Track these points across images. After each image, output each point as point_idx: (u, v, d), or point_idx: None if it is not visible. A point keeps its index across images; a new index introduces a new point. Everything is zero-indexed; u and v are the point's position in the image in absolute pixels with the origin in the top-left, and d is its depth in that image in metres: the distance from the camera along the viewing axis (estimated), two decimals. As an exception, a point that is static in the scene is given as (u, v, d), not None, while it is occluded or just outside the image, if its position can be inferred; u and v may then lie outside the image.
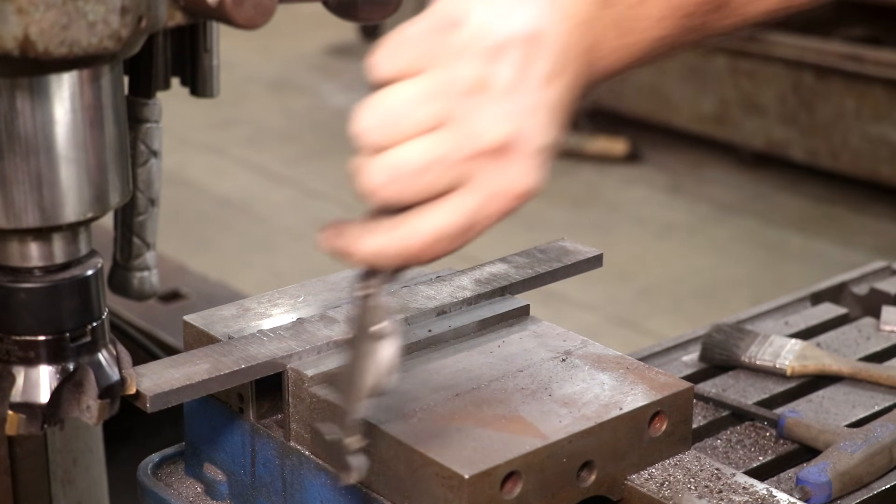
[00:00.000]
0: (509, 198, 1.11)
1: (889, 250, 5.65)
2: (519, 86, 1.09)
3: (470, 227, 1.11)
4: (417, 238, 1.10)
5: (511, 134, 1.09)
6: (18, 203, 1.18)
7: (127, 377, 1.29)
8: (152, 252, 1.77)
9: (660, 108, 7.10)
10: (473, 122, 1.09)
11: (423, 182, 1.09)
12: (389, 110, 1.08)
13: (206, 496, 1.48)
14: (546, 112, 1.11)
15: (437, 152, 1.08)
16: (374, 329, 1.17)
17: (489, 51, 1.09)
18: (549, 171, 1.13)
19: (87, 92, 1.18)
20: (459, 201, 1.10)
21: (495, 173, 1.09)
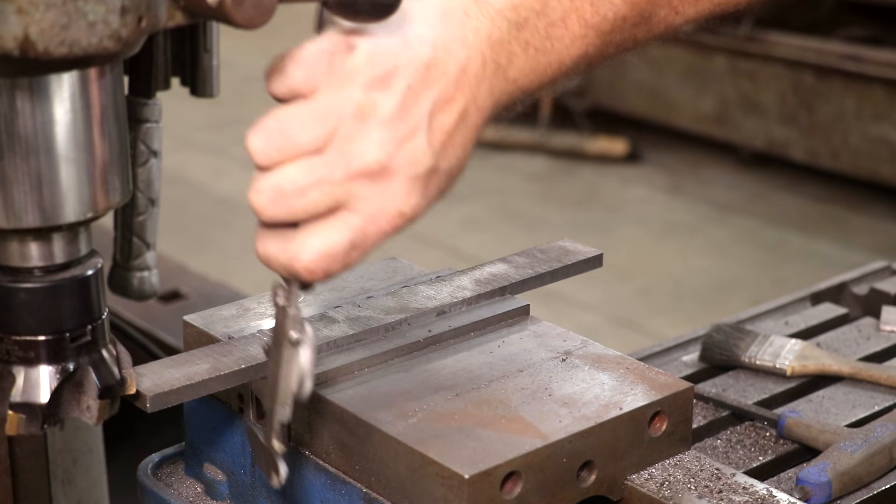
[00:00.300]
0: (388, 219, 1.15)
1: (889, 250, 5.65)
2: (402, 113, 1.13)
3: (354, 246, 1.15)
4: (304, 255, 1.15)
5: (388, 157, 1.13)
6: (18, 203, 1.18)
7: (127, 377, 1.29)
8: (152, 252, 1.77)
9: (660, 108, 7.10)
10: (356, 146, 1.12)
11: (305, 202, 1.13)
12: (276, 130, 1.12)
13: (206, 496, 1.48)
14: (429, 137, 1.14)
15: (317, 174, 1.12)
16: (290, 337, 1.21)
17: (377, 78, 1.12)
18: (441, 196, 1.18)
19: (87, 92, 1.18)
20: (342, 222, 1.14)
21: (374, 195, 1.14)
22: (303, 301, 1.51)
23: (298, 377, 1.22)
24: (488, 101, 1.19)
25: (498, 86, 1.19)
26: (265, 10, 1.08)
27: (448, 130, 1.16)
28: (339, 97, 1.12)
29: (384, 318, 1.46)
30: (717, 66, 6.74)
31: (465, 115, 1.17)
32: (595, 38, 1.26)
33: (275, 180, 1.13)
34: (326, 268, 1.15)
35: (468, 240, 6.03)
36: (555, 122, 7.20)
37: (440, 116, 1.15)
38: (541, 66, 1.22)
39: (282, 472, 1.27)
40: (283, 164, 1.13)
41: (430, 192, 1.17)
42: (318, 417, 1.34)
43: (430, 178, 1.16)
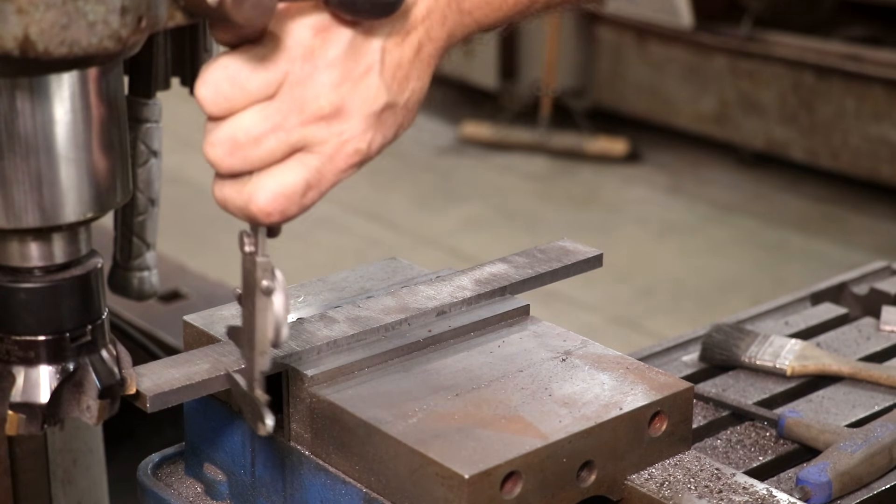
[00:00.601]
0: (345, 158, 1.15)
1: (889, 250, 5.65)
2: (353, 52, 1.13)
3: (310, 186, 1.15)
4: (259, 197, 1.14)
5: (342, 98, 1.13)
6: (18, 203, 1.18)
7: (127, 377, 1.29)
8: (152, 252, 1.77)
9: (660, 108, 7.10)
10: (308, 90, 1.12)
11: (261, 151, 1.13)
12: (225, 79, 1.12)
13: (206, 496, 1.48)
14: (382, 74, 1.14)
15: (272, 120, 1.12)
16: (262, 285, 1.21)
17: (326, 19, 1.12)
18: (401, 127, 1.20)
19: (87, 92, 1.18)
20: (298, 163, 1.14)
21: (330, 136, 1.14)
22: (303, 301, 1.51)
23: (274, 325, 1.22)
24: (442, 33, 1.19)
25: (451, 17, 1.20)
26: (265, 10, 1.08)
27: (402, 65, 1.16)
28: (287, 41, 1.11)
29: (384, 318, 1.46)
30: (717, 66, 6.74)
31: (420, 49, 1.17)
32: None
33: (229, 131, 1.13)
34: (283, 209, 1.15)
35: (468, 240, 6.03)
36: (555, 122, 7.20)
37: (393, 52, 1.15)
38: (496, 1, 1.23)
39: (268, 422, 1.26)
40: (235, 113, 1.12)
41: (387, 127, 1.17)
42: (318, 417, 1.34)
43: (387, 113, 1.16)
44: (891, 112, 6.08)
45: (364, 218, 6.24)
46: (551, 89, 7.21)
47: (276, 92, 1.12)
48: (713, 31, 6.74)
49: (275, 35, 1.12)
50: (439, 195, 6.65)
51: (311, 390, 1.34)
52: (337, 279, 1.58)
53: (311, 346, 1.39)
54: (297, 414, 1.36)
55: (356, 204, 6.24)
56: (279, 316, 1.22)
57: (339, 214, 6.10)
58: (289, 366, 1.37)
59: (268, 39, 1.11)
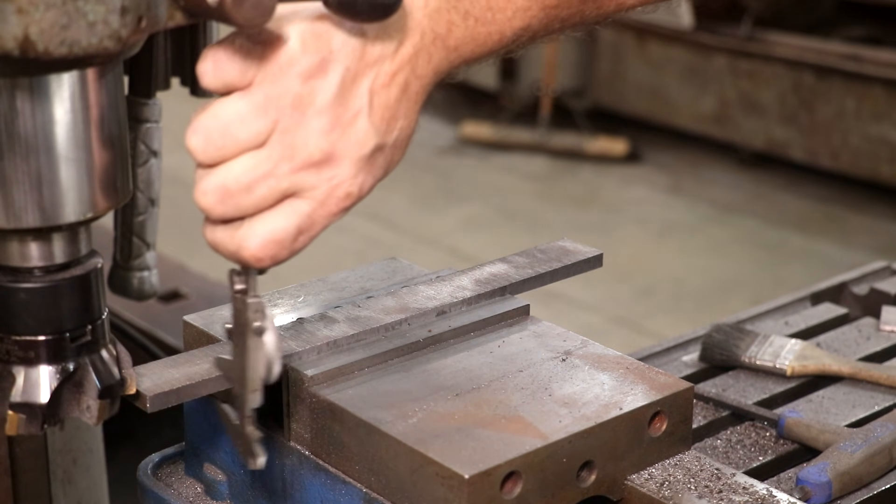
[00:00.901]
0: (337, 202, 1.16)
1: (889, 250, 5.65)
2: (342, 98, 1.13)
3: (301, 231, 1.16)
4: (250, 243, 1.15)
5: (332, 144, 1.13)
6: (18, 203, 1.18)
7: (127, 377, 1.29)
8: (152, 252, 1.77)
9: (660, 108, 7.10)
10: (298, 138, 1.12)
11: (252, 198, 1.13)
12: (217, 129, 1.12)
13: (206, 496, 1.48)
14: (371, 117, 1.15)
15: (263, 168, 1.12)
16: (253, 326, 1.21)
17: (314, 66, 1.12)
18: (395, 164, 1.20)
19: (87, 92, 1.18)
20: (290, 208, 1.14)
21: (321, 182, 1.14)
22: (302, 300, 1.51)
23: (266, 363, 1.22)
24: (428, 70, 1.19)
25: (437, 54, 1.19)
26: (265, 10, 1.08)
27: (391, 106, 1.16)
28: (277, 89, 1.11)
29: (384, 318, 1.46)
30: (717, 66, 6.75)
31: (407, 88, 1.17)
32: (539, 11, 1.25)
33: (220, 180, 1.13)
34: (274, 255, 1.16)
35: (468, 240, 6.03)
36: (555, 122, 7.20)
37: (381, 93, 1.15)
38: (481, 37, 1.22)
39: (259, 459, 1.26)
40: (226, 161, 1.13)
41: (377, 168, 1.17)
42: (318, 417, 1.34)
43: (376, 155, 1.16)
44: (891, 112, 6.08)
45: (364, 218, 6.24)
46: (551, 89, 7.21)
47: (267, 140, 1.12)
48: (713, 31, 6.74)
49: (264, 83, 1.11)
50: (439, 195, 6.65)
51: (311, 390, 1.34)
52: (337, 279, 1.58)
53: (311, 346, 1.39)
54: (297, 414, 1.36)
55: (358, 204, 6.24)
56: (271, 354, 1.22)
57: (340, 214, 6.09)
58: (289, 366, 1.37)
59: (256, 88, 1.11)
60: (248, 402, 1.25)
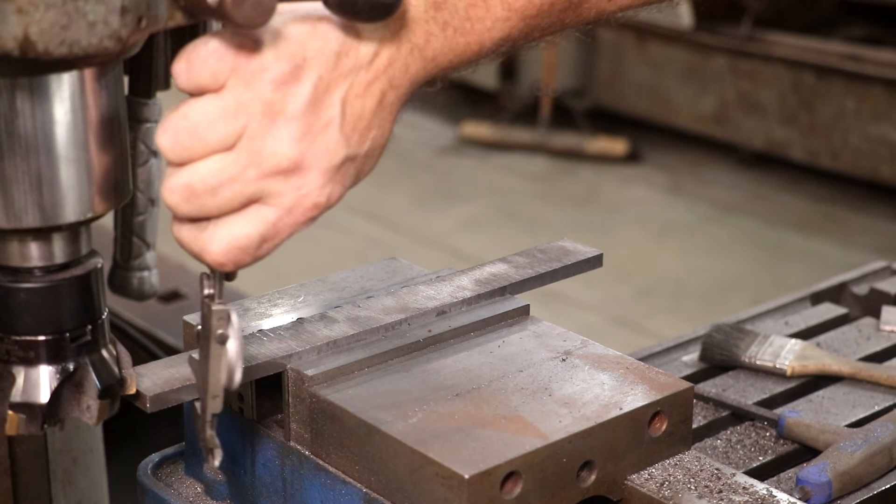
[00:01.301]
0: (304, 212, 1.15)
1: (889, 250, 5.65)
2: (313, 107, 1.12)
3: (266, 238, 1.15)
4: (213, 247, 1.14)
5: (301, 153, 1.12)
6: (18, 203, 1.18)
7: (127, 377, 1.29)
8: (152, 252, 1.77)
9: (660, 108, 7.10)
10: (266, 144, 1.11)
11: (217, 201, 1.13)
12: (186, 130, 1.12)
13: (206, 496, 1.48)
14: (342, 127, 1.14)
15: (229, 172, 1.12)
16: (216, 333, 1.21)
17: (286, 73, 1.11)
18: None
19: (87, 92, 1.18)
20: (255, 215, 1.14)
21: (288, 190, 1.13)
22: (302, 300, 1.51)
23: (227, 371, 1.22)
24: (405, 80, 1.18)
25: (415, 65, 1.19)
26: (265, 10, 1.08)
27: (364, 116, 1.15)
28: (247, 95, 1.11)
29: (384, 318, 1.46)
30: (717, 66, 6.75)
31: (382, 98, 1.16)
32: (519, 21, 1.24)
33: (186, 179, 1.12)
34: (236, 260, 1.15)
35: (468, 240, 6.03)
36: (555, 122, 7.20)
37: (355, 103, 1.14)
38: (459, 47, 1.22)
39: (216, 459, 1.26)
40: (194, 161, 1.12)
41: (346, 178, 1.17)
42: (318, 417, 1.34)
43: (347, 165, 1.15)
44: (891, 112, 6.08)
45: (364, 218, 6.24)
46: (551, 89, 7.21)
47: (235, 144, 1.12)
48: (713, 31, 6.74)
49: (235, 88, 1.11)
50: (439, 195, 6.65)
51: (311, 390, 1.34)
52: (337, 279, 1.58)
53: (311, 346, 1.39)
54: (297, 414, 1.36)
55: (356, 204, 6.24)
56: (232, 363, 1.21)
57: (339, 214, 6.10)
58: (289, 366, 1.37)
59: (227, 92, 1.11)
60: (208, 407, 1.24)
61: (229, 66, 1.10)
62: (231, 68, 1.10)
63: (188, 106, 1.12)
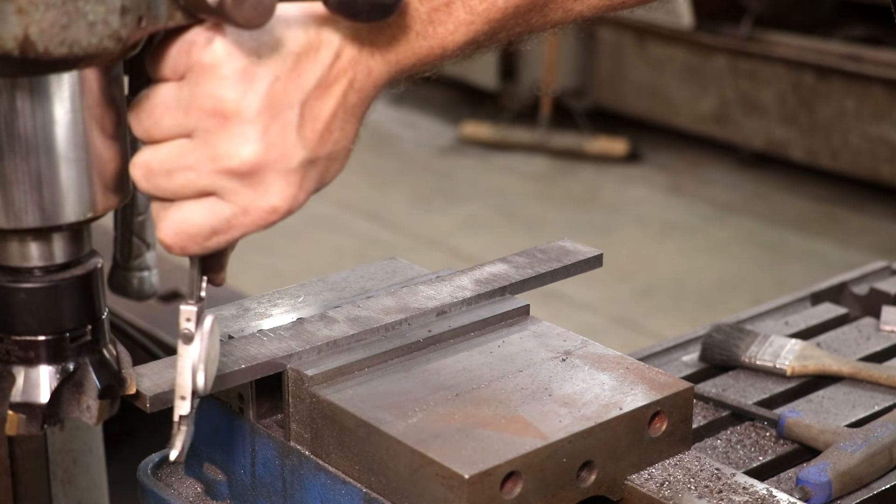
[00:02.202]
0: (261, 214, 1.14)
1: (889, 250, 5.65)
2: (269, 108, 1.11)
3: (216, 232, 1.14)
4: (164, 226, 1.15)
5: (256, 156, 1.11)
6: (18, 203, 1.18)
7: (127, 377, 1.29)
8: (152, 252, 1.77)
9: (660, 108, 7.10)
10: (221, 142, 1.11)
11: (171, 185, 1.13)
12: (145, 110, 1.13)
13: (206, 496, 1.48)
14: (301, 129, 1.13)
15: (185, 160, 1.12)
16: (182, 331, 1.21)
17: (239, 71, 1.11)
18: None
19: (87, 92, 1.18)
20: (210, 206, 1.14)
21: (244, 190, 1.13)
22: (302, 300, 1.51)
23: (192, 371, 1.21)
24: (367, 83, 1.17)
25: (377, 68, 1.18)
26: (265, 10, 1.08)
27: (324, 118, 1.14)
28: (199, 90, 1.10)
29: (384, 318, 1.46)
30: (717, 66, 6.75)
31: (344, 100, 1.15)
32: (483, 24, 1.23)
33: (147, 157, 1.13)
34: (182, 245, 1.15)
35: (468, 240, 6.04)
36: (555, 122, 7.20)
37: (315, 105, 1.13)
38: (423, 51, 1.21)
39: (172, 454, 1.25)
40: (155, 142, 1.13)
41: (308, 182, 1.15)
42: (318, 417, 1.34)
43: (307, 169, 1.14)
44: (891, 112, 6.08)
45: (364, 218, 6.24)
46: (551, 89, 7.21)
47: (193, 134, 1.12)
48: (713, 31, 6.74)
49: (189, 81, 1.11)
50: (439, 195, 6.65)
51: (311, 390, 1.34)
52: (337, 279, 1.58)
53: (311, 346, 1.39)
54: (297, 414, 1.36)
55: (356, 204, 6.25)
56: (195, 363, 1.21)
57: (339, 214, 6.11)
58: (289, 366, 1.37)
59: (184, 84, 1.11)
60: (175, 406, 1.23)
61: (186, 60, 1.11)
62: (188, 62, 1.11)
63: (152, 87, 1.14)
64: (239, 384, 1.37)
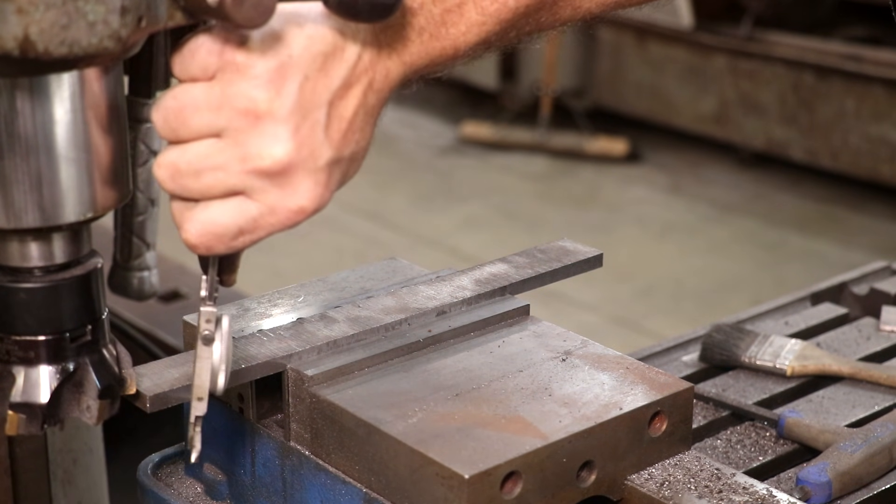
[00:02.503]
0: (287, 214, 1.14)
1: (889, 250, 5.65)
2: (299, 107, 1.12)
3: (243, 232, 1.15)
4: (189, 226, 1.15)
5: (286, 155, 1.12)
6: (18, 203, 1.18)
7: (127, 377, 1.29)
8: (152, 252, 1.77)
9: (660, 108, 7.10)
10: (251, 142, 1.11)
11: (199, 185, 1.13)
12: (173, 110, 1.12)
13: (206, 496, 1.48)
14: (328, 129, 1.14)
15: (214, 160, 1.12)
16: (202, 333, 1.21)
17: (271, 70, 1.11)
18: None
19: (87, 92, 1.18)
20: (237, 206, 1.14)
21: (272, 189, 1.13)
22: (302, 300, 1.51)
23: (212, 373, 1.22)
24: (385, 84, 1.18)
25: (394, 69, 1.19)
26: (265, 10, 1.08)
27: (348, 118, 1.15)
28: (232, 89, 1.11)
29: (384, 318, 1.46)
30: (717, 66, 6.75)
31: (365, 100, 1.16)
32: (494, 25, 1.24)
33: (174, 157, 1.13)
34: (208, 244, 1.15)
35: (468, 240, 6.03)
36: (555, 122, 7.20)
37: (339, 105, 1.14)
38: (435, 51, 1.22)
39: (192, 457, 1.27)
40: (182, 142, 1.13)
41: (332, 182, 1.16)
42: (318, 417, 1.34)
43: (332, 169, 1.15)
44: (891, 112, 6.08)
45: (364, 218, 6.24)
46: (551, 89, 7.21)
47: (223, 134, 1.12)
48: (713, 31, 6.74)
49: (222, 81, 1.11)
50: (439, 195, 6.65)
51: (311, 390, 1.34)
52: (337, 279, 1.58)
53: (311, 346, 1.39)
54: (297, 414, 1.36)
55: (356, 204, 6.24)
56: (216, 365, 1.21)
57: (339, 214, 6.10)
58: (289, 366, 1.37)
59: (215, 83, 1.11)
60: (193, 408, 1.24)
61: (218, 60, 1.11)
62: (219, 62, 1.11)
63: (180, 88, 1.13)
64: (239, 384, 1.37)
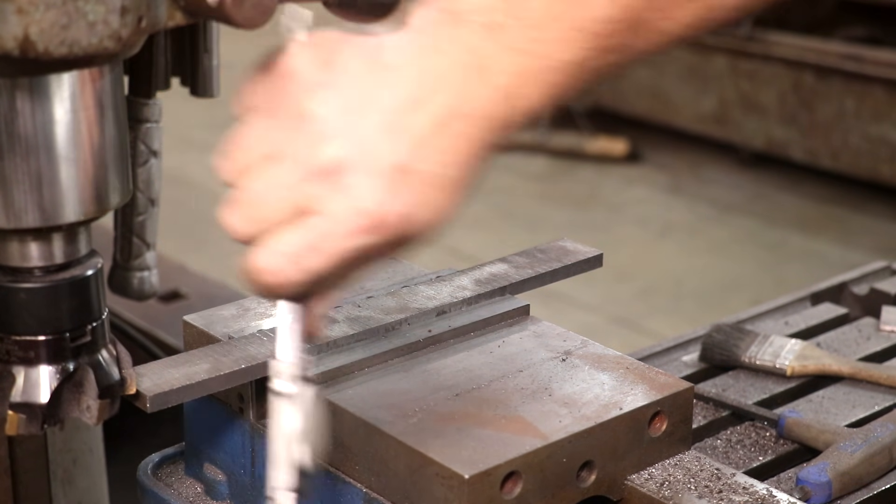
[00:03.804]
0: (352, 217, 1.08)
1: (889, 250, 5.64)
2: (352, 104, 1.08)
3: (312, 247, 1.08)
4: (258, 258, 1.09)
5: (342, 149, 1.07)
6: (18, 203, 1.18)
7: (127, 377, 1.29)
8: (152, 252, 1.77)
9: (660, 108, 7.10)
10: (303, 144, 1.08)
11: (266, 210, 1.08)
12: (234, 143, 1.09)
13: (206, 496, 1.48)
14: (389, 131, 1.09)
15: (275, 179, 1.08)
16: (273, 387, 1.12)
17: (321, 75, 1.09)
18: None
19: (87, 92, 1.18)
20: (303, 224, 1.08)
21: (332, 192, 1.08)
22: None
23: (286, 439, 1.11)
24: (476, 111, 1.13)
25: (485, 94, 1.13)
26: (265, 10, 1.08)
27: (418, 131, 1.10)
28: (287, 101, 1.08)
29: (384, 318, 1.46)
30: (717, 66, 6.74)
31: (446, 121, 1.11)
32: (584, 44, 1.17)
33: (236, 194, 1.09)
34: (286, 275, 1.08)
35: (468, 240, 6.03)
36: (555, 122, 7.20)
37: (407, 116, 1.09)
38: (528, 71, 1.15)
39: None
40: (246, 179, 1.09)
41: (403, 192, 1.09)
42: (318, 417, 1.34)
43: (401, 176, 1.09)
44: (891, 112, 6.08)
45: (364, 218, 6.23)
46: (551, 89, 7.20)
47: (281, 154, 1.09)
48: (713, 31, 6.73)
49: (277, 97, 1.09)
50: (439, 195, 6.63)
51: (311, 390, 1.34)
52: (337, 279, 1.58)
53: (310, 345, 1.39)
54: (297, 414, 1.36)
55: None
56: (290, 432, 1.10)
57: (339, 214, 6.09)
58: (289, 366, 1.36)
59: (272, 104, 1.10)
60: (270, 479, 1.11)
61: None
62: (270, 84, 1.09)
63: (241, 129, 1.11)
64: (239, 384, 1.36)
